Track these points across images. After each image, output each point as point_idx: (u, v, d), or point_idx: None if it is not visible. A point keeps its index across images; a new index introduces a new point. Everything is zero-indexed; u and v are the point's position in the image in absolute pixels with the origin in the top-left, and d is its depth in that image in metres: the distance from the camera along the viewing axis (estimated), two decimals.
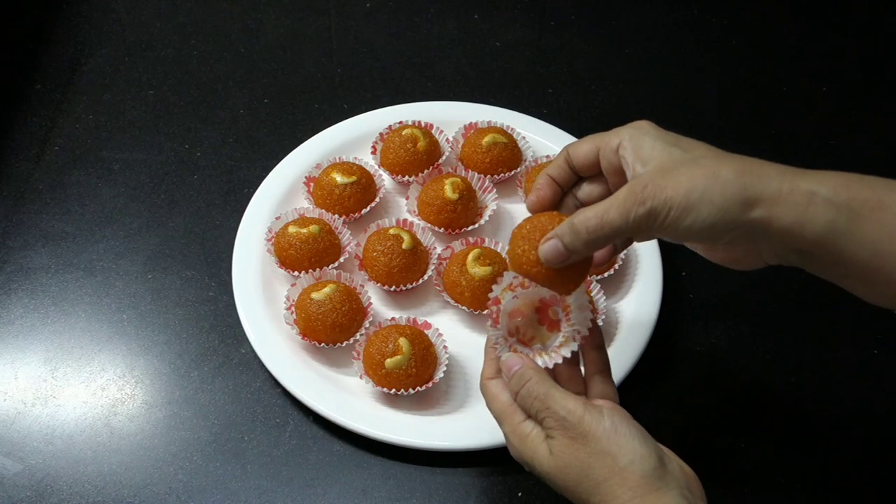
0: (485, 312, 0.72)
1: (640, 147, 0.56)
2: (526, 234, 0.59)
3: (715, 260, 0.61)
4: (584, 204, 0.62)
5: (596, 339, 0.62)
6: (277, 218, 0.85)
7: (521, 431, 0.58)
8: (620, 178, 0.58)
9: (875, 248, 0.50)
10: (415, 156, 0.88)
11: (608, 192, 0.60)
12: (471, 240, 0.84)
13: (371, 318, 0.79)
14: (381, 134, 0.92)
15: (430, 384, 0.75)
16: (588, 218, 0.54)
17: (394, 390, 0.74)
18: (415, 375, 0.74)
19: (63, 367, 0.78)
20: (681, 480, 0.54)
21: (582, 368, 0.63)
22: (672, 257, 0.86)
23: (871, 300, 0.54)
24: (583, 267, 0.59)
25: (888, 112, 1.04)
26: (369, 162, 0.91)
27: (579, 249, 0.55)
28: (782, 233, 0.51)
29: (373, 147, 0.91)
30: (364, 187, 0.86)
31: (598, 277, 0.82)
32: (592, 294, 0.80)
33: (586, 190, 0.62)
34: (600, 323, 0.78)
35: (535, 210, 0.62)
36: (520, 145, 0.92)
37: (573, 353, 0.61)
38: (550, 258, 0.56)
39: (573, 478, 0.54)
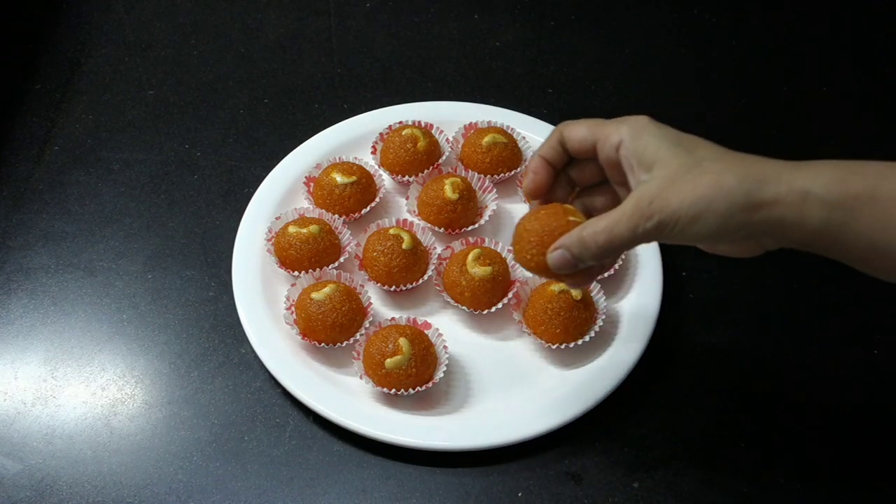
0: None
1: (642, 150, 0.56)
2: (534, 239, 0.59)
3: (716, 252, 0.61)
4: (577, 183, 0.64)
5: None
6: (277, 218, 0.85)
7: None
8: (619, 173, 0.59)
9: (871, 241, 0.52)
10: (415, 156, 0.88)
11: (601, 174, 0.62)
12: (471, 240, 0.84)
13: (371, 318, 0.79)
14: (381, 134, 0.92)
15: (430, 384, 0.75)
16: (597, 233, 0.56)
17: (394, 390, 0.74)
18: (415, 375, 0.74)
19: (63, 367, 0.78)
20: None
21: None
22: (672, 257, 0.86)
23: (877, 276, 0.56)
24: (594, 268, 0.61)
25: (889, 112, 1.04)
26: (369, 162, 0.91)
27: (588, 261, 0.57)
28: (783, 230, 0.53)
29: (373, 147, 0.91)
30: (364, 187, 0.86)
31: (598, 277, 0.81)
32: (592, 294, 0.80)
33: (579, 169, 0.64)
34: (600, 323, 0.78)
35: (533, 194, 0.63)
36: (520, 145, 0.92)
37: None
38: (559, 266, 0.58)
39: None
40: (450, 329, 0.80)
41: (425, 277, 0.82)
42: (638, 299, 0.81)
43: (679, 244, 0.57)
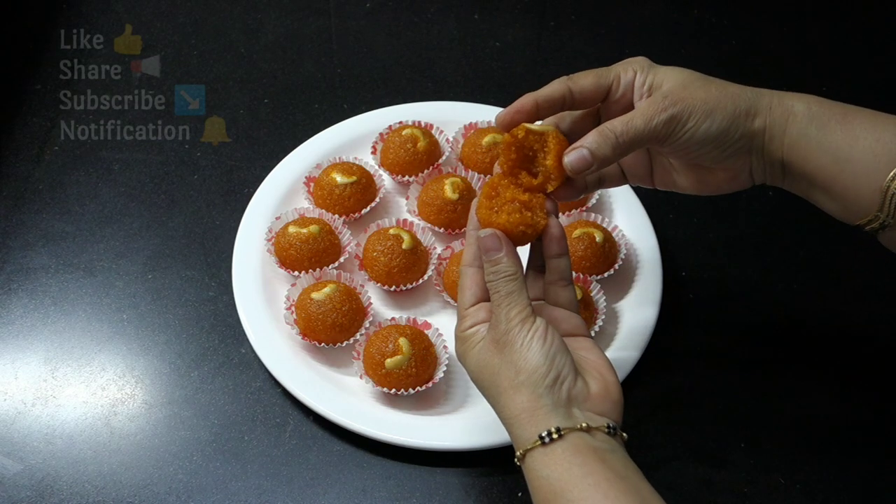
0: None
1: (652, 77, 0.62)
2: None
3: (708, 191, 0.67)
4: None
5: (558, 247, 0.63)
6: (277, 218, 0.85)
7: (463, 335, 0.62)
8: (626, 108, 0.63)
9: (835, 154, 0.60)
10: (415, 156, 0.88)
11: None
12: None
13: (371, 318, 0.79)
14: (381, 134, 0.92)
15: (430, 384, 0.75)
16: (615, 125, 0.60)
17: (394, 390, 0.74)
18: (415, 375, 0.74)
19: (63, 367, 0.78)
20: (576, 398, 0.57)
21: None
22: (672, 257, 0.86)
23: (836, 215, 0.62)
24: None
25: (890, 112, 1.04)
26: (369, 162, 0.91)
27: (607, 155, 0.60)
28: (770, 140, 0.61)
29: (373, 147, 0.91)
30: (364, 187, 0.86)
31: (598, 277, 0.82)
32: (592, 294, 0.80)
33: (572, 121, 0.66)
34: (600, 323, 0.78)
35: (506, 126, 0.62)
36: None
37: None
38: (578, 167, 0.60)
39: (487, 378, 0.59)
40: (450, 329, 0.80)
41: (425, 277, 0.82)
42: (638, 299, 0.81)
43: (685, 155, 0.62)
